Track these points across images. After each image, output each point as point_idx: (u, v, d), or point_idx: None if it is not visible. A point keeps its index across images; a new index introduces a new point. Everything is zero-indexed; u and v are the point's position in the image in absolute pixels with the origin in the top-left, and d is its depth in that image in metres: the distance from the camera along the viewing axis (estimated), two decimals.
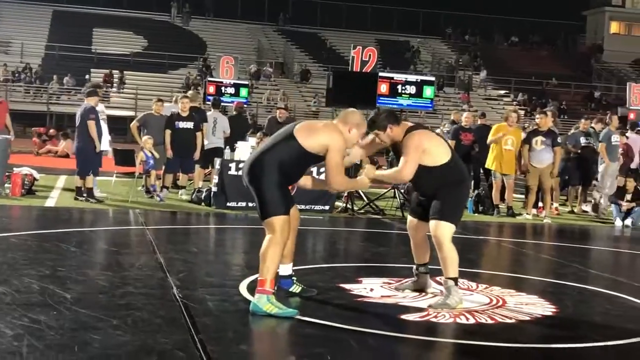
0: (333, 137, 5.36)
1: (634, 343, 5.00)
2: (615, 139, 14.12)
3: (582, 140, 14.66)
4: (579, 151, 14.49)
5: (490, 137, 13.28)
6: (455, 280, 5.74)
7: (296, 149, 5.34)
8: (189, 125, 13.15)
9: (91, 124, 11.68)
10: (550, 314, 5.75)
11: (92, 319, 4.81)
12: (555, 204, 14.38)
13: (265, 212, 5.42)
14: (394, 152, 6.09)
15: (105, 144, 12.57)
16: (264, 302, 5.09)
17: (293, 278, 5.78)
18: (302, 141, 5.33)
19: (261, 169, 5.37)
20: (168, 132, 13.03)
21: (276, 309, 5.07)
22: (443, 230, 5.69)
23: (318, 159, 5.45)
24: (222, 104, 17.22)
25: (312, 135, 5.35)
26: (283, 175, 5.40)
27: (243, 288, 5.97)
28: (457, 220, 5.86)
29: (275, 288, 5.41)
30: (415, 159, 5.69)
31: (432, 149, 5.77)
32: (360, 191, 13.01)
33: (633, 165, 15.30)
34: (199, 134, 13.28)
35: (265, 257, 5.29)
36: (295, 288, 5.76)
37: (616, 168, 14.23)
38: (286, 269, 5.71)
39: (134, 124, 13.52)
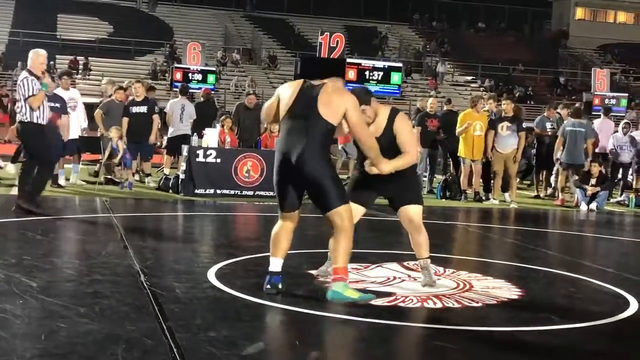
0: (348, 98, 5.27)
1: (598, 325, 5.08)
2: (549, 125, 14.18)
3: (548, 125, 14.82)
4: (549, 134, 14.62)
5: (457, 128, 13.35)
6: (429, 258, 5.99)
7: (326, 126, 5.20)
8: (143, 109, 13.13)
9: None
10: (516, 297, 5.82)
11: (59, 307, 4.78)
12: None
13: (328, 204, 5.22)
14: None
15: (74, 131, 12.41)
16: (344, 288, 5.11)
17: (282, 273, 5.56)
18: (328, 117, 5.18)
19: (314, 161, 5.17)
20: (125, 119, 12.98)
21: (357, 294, 5.13)
22: (419, 214, 5.87)
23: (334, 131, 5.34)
24: (189, 90, 17.13)
25: (332, 107, 5.20)
26: (328, 158, 5.32)
27: (211, 275, 5.97)
28: (423, 202, 6.02)
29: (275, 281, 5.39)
30: (414, 137, 5.78)
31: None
32: None
33: (599, 150, 15.52)
34: (154, 117, 13.25)
35: (339, 248, 5.20)
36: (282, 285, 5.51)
37: None
38: (278, 265, 5.48)
39: (98, 112, 13.38)
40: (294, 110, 5.31)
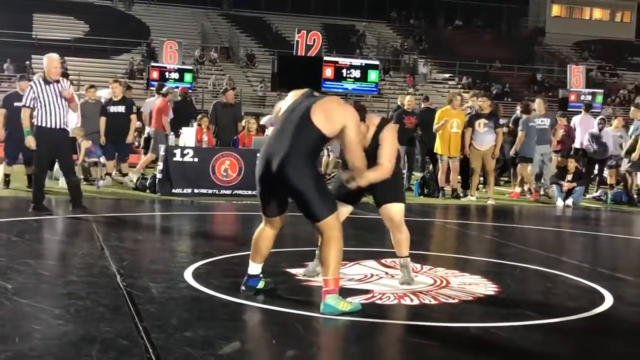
0: (350, 113, 5.04)
1: (573, 320, 5.12)
2: (538, 122, 14.24)
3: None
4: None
5: (435, 125, 13.40)
6: (409, 256, 6.01)
7: (317, 135, 4.95)
8: (121, 109, 13.10)
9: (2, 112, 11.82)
10: (492, 293, 5.85)
11: (34, 309, 4.74)
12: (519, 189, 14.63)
13: (316, 215, 4.97)
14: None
15: None
16: (338, 301, 4.90)
17: (260, 276, 5.48)
18: (323, 127, 4.93)
19: (296, 168, 4.91)
20: (103, 119, 12.95)
21: (349, 305, 4.93)
22: (400, 212, 5.89)
23: (327, 141, 5.12)
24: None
25: (331, 119, 4.95)
26: (314, 167, 5.11)
27: (188, 275, 5.94)
28: (405, 201, 6.03)
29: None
30: (395, 152, 5.71)
31: None
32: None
33: (577, 146, 15.64)
34: (132, 117, 13.22)
35: (329, 259, 4.95)
36: (261, 284, 5.46)
37: (544, 150, 14.33)
38: (256, 269, 5.42)
39: None
40: (286, 115, 5.13)
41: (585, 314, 5.28)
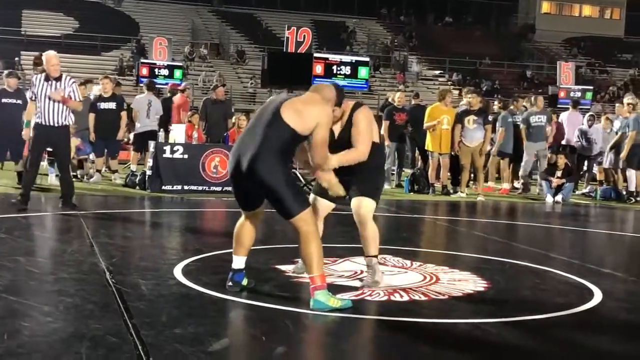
0: (323, 112, 4.99)
1: (562, 316, 5.13)
2: (535, 119, 14.36)
3: (514, 118, 14.96)
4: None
5: (425, 123, 13.42)
6: (376, 257, 5.77)
7: (289, 132, 4.89)
8: (111, 105, 13.07)
9: None
10: (482, 289, 5.87)
11: (23, 306, 4.73)
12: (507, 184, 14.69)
13: (289, 211, 4.91)
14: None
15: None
16: (327, 297, 4.85)
17: (244, 271, 5.47)
18: (294, 124, 4.88)
19: (266, 165, 4.87)
20: (92, 115, 12.92)
21: (339, 302, 4.87)
22: (368, 207, 5.67)
23: (304, 138, 5.06)
24: (157, 86, 17.03)
25: (303, 117, 4.91)
26: (286, 165, 5.05)
27: (178, 272, 5.93)
28: (379, 199, 5.85)
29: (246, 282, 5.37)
30: (370, 134, 5.56)
31: (373, 127, 5.71)
32: (297, 173, 13.06)
33: (567, 142, 15.69)
34: (122, 114, 13.19)
35: (310, 255, 4.88)
36: (244, 281, 5.45)
37: (540, 147, 14.43)
38: (241, 262, 5.41)
39: None
40: (259, 113, 5.13)
41: (574, 310, 5.30)
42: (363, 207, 5.67)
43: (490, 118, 13.78)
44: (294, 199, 4.91)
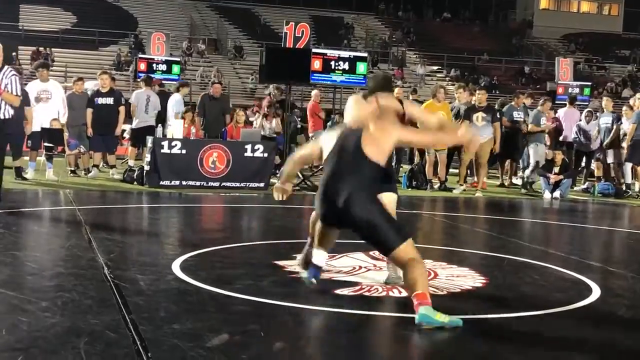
0: (393, 132, 4.95)
1: (560, 312, 5.13)
2: (544, 120, 14.41)
3: (515, 114, 14.95)
4: (512, 124, 14.76)
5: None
6: None
7: (376, 167, 4.86)
8: (109, 101, 13.06)
9: None
10: (480, 285, 5.87)
11: (21, 301, 4.72)
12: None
13: (390, 245, 4.73)
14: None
15: (45, 123, 12.31)
16: (433, 312, 4.62)
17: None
18: (377, 158, 4.86)
19: (363, 206, 4.76)
20: (89, 111, 12.90)
21: (447, 318, 4.66)
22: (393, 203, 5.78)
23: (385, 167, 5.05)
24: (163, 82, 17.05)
25: (382, 147, 4.88)
26: (377, 197, 4.97)
27: (176, 267, 5.92)
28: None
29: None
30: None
31: None
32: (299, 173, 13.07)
33: (564, 139, 15.69)
34: (121, 109, 13.18)
35: (415, 279, 4.64)
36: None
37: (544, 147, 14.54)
38: (323, 260, 5.35)
39: None
40: (338, 151, 4.97)
41: (572, 306, 5.30)
42: (393, 204, 5.70)
43: (498, 115, 13.77)
44: (392, 232, 4.76)
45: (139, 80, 16.31)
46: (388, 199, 5.73)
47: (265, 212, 10.31)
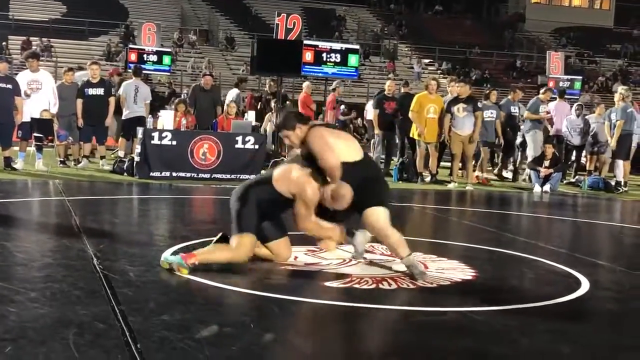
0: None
1: (550, 305, 5.15)
2: (542, 108, 14.53)
3: (512, 109, 15.03)
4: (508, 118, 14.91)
5: (411, 110, 13.44)
6: (410, 255, 5.73)
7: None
8: (100, 91, 13.01)
9: None
10: (469, 278, 5.87)
11: (9, 291, 4.69)
12: (485, 174, 14.71)
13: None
14: (307, 160, 5.72)
15: (27, 114, 12.25)
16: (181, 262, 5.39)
17: None
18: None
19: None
20: (79, 101, 12.85)
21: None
22: (382, 217, 5.69)
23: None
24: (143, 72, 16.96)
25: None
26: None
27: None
28: (388, 204, 5.86)
29: None
30: (328, 147, 5.52)
31: (337, 144, 5.62)
32: (285, 160, 13.06)
33: (555, 132, 15.74)
34: (111, 99, 13.14)
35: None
36: None
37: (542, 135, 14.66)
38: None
39: None
40: None
41: (561, 299, 5.31)
42: (380, 219, 5.65)
43: (479, 105, 13.80)
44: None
45: (129, 70, 16.24)
46: (375, 214, 5.66)
47: None
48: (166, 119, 12.33)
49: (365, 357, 4.08)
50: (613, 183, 14.49)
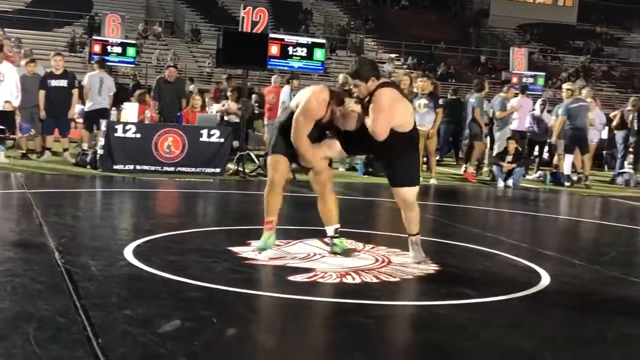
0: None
1: (511, 298, 5.21)
2: (508, 105, 14.71)
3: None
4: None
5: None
6: (418, 234, 6.25)
7: None
8: (63, 83, 12.86)
9: None
10: (432, 272, 5.92)
11: None
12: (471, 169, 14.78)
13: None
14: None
15: None
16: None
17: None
18: None
19: None
20: (42, 92, 12.70)
21: None
22: (412, 194, 6.19)
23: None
24: (108, 63, 16.81)
25: None
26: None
27: (128, 252, 5.86)
28: (419, 182, 6.24)
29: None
30: (386, 113, 5.61)
31: (400, 109, 5.78)
32: (251, 154, 13.05)
33: (517, 128, 15.88)
34: (74, 91, 13.00)
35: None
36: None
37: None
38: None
39: None
40: None
41: (522, 293, 5.38)
42: (409, 195, 6.10)
43: (440, 102, 13.86)
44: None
45: (92, 62, 16.06)
46: (410, 192, 6.20)
47: (220, 198, 10.28)
48: (130, 111, 12.23)
49: (328, 351, 4.10)
50: (575, 178, 14.72)
